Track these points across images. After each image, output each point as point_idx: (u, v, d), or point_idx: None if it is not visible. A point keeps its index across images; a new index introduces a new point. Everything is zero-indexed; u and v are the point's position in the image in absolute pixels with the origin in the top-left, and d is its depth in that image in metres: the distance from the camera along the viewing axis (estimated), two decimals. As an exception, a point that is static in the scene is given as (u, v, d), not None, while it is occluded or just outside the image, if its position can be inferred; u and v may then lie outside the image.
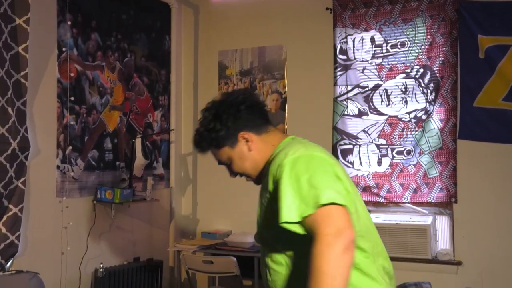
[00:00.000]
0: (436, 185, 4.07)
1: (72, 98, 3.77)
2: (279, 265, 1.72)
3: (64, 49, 3.71)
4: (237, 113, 1.82)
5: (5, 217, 3.21)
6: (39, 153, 3.50)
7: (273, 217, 1.64)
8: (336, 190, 1.56)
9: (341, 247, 1.46)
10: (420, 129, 4.11)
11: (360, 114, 4.32)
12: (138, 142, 4.26)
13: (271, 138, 1.85)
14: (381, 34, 4.25)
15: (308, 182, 1.57)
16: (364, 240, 1.70)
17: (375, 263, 1.75)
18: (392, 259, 4.29)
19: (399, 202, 4.22)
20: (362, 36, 4.31)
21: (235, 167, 1.87)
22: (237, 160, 1.85)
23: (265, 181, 1.76)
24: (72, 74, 3.78)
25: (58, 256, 3.67)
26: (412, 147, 4.14)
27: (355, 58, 4.34)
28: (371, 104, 4.28)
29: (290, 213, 1.55)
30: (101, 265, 3.88)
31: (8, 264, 3.27)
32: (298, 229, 1.57)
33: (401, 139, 4.18)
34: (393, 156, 4.21)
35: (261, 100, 1.93)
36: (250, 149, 1.83)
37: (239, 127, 1.82)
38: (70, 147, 3.75)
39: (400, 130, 4.19)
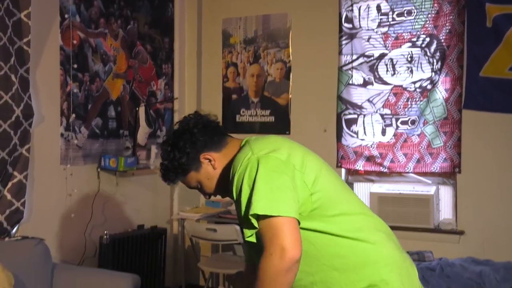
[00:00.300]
0: (440, 155, 4.06)
1: (75, 66, 3.75)
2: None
3: (66, 15, 3.68)
4: (192, 137, 1.85)
5: (10, 184, 3.22)
6: (43, 121, 3.50)
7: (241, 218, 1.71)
8: (285, 200, 1.60)
9: (284, 268, 1.55)
10: (425, 99, 4.09)
11: (365, 84, 4.29)
12: (141, 110, 4.25)
13: (231, 150, 1.87)
14: (387, 2, 4.19)
15: (261, 191, 1.61)
16: (339, 205, 1.76)
17: (356, 221, 1.79)
18: (395, 228, 4.32)
19: (402, 172, 4.22)
20: (368, 4, 4.25)
21: (206, 188, 1.91)
22: (205, 181, 1.89)
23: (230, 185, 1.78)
24: (74, 42, 3.75)
25: (63, 222, 3.70)
26: (416, 117, 4.12)
27: (360, 27, 4.29)
28: (376, 73, 4.25)
29: (250, 228, 1.63)
30: (105, 232, 3.91)
31: (14, 230, 3.31)
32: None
33: (406, 109, 4.16)
34: (397, 126, 4.20)
35: (211, 117, 1.94)
36: (215, 167, 1.86)
37: (198, 149, 1.85)
38: (74, 115, 3.75)
39: (405, 100, 4.16)
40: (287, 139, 1.85)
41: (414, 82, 4.13)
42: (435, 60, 4.06)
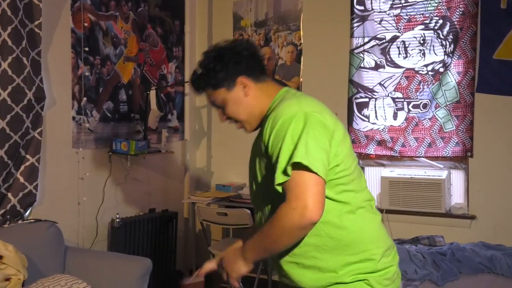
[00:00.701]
0: (452, 139, 4.03)
1: (87, 49, 3.74)
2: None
3: (77, -2, 3.67)
4: (239, 58, 1.85)
5: (22, 167, 3.24)
6: (55, 104, 3.51)
7: (266, 171, 1.75)
8: (322, 161, 1.63)
9: (301, 226, 1.60)
10: (437, 82, 4.05)
11: (377, 67, 4.25)
12: (152, 94, 4.25)
13: (268, 88, 1.89)
14: (400, -16, 4.14)
15: (304, 143, 1.63)
16: (353, 183, 1.80)
17: (362, 199, 1.84)
18: (406, 212, 4.33)
19: (414, 156, 4.20)
20: (380, -14, 4.20)
21: (228, 110, 1.89)
22: (231, 104, 1.88)
23: (262, 132, 1.80)
24: (86, 24, 3.74)
25: (75, 206, 3.72)
26: (428, 100, 4.09)
27: (372, 9, 4.24)
28: (388, 56, 4.21)
29: (284, 175, 1.63)
30: (117, 216, 3.94)
31: (27, 213, 3.33)
32: None
33: (418, 92, 4.13)
34: (409, 110, 4.17)
35: (260, 52, 1.96)
36: (247, 94, 1.86)
37: (239, 71, 1.85)
38: (85, 98, 3.75)
39: (417, 83, 4.13)
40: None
41: (426, 65, 4.09)
42: (447, 43, 4.01)
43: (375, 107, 4.28)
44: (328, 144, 1.68)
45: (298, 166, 1.61)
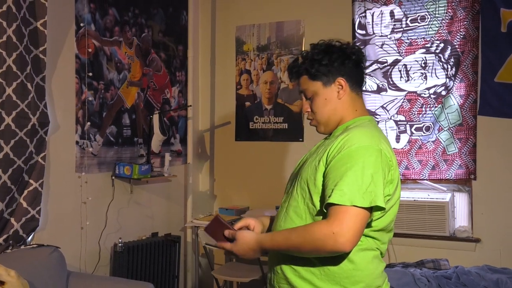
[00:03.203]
0: (455, 162, 4.03)
1: (90, 74, 3.77)
2: (299, 217, 1.80)
3: (82, 24, 3.71)
4: (346, 59, 1.86)
5: (26, 192, 3.24)
6: (58, 129, 3.53)
7: (315, 176, 1.74)
8: (377, 199, 1.64)
9: (330, 250, 1.62)
10: (439, 105, 4.06)
11: (379, 90, 4.27)
12: (155, 118, 4.27)
13: (358, 103, 1.90)
14: (400, 8, 4.18)
15: (372, 178, 1.64)
16: (380, 233, 1.80)
17: (377, 246, 1.83)
18: (410, 236, 4.32)
19: (417, 179, 4.19)
20: (381, 10, 4.25)
21: (315, 105, 1.89)
22: (321, 99, 1.88)
23: (331, 142, 1.80)
24: (90, 50, 3.78)
25: (78, 230, 3.71)
26: (431, 123, 4.10)
27: (374, 33, 4.28)
28: (390, 79, 4.24)
29: (342, 197, 1.62)
30: (119, 240, 3.93)
31: (29, 238, 3.32)
32: None
33: (420, 115, 4.14)
34: (411, 133, 4.18)
35: (365, 61, 1.97)
36: (339, 96, 1.86)
37: (342, 71, 1.86)
38: (89, 123, 3.77)
39: (419, 106, 4.14)
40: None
41: (428, 88, 4.11)
42: (449, 66, 4.03)
43: (377, 130, 4.28)
44: (383, 187, 1.70)
45: (356, 196, 1.62)
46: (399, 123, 4.21)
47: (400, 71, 4.20)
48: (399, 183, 1.82)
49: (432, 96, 4.10)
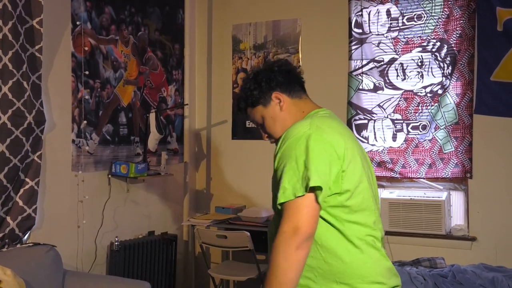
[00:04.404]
0: (451, 160, 4.04)
1: (87, 72, 3.77)
2: (277, 227, 1.79)
3: (78, 22, 3.70)
4: (271, 73, 1.95)
5: (22, 191, 3.24)
6: (55, 127, 3.52)
7: (276, 186, 1.77)
8: (319, 179, 1.66)
9: (294, 245, 1.62)
10: (436, 104, 4.07)
11: (375, 89, 4.28)
12: (152, 116, 4.26)
13: (303, 105, 1.96)
14: (397, 6, 4.18)
15: (305, 164, 1.68)
16: (358, 214, 1.79)
17: (364, 233, 1.82)
18: (406, 234, 4.31)
19: (413, 178, 4.20)
20: (377, 9, 4.25)
21: (267, 127, 1.98)
22: (269, 119, 1.96)
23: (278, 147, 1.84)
24: (86, 48, 3.77)
25: (74, 229, 3.71)
26: (427, 122, 4.11)
27: (370, 32, 4.28)
28: (386, 78, 4.24)
29: (285, 194, 1.69)
30: (116, 239, 3.92)
31: (25, 237, 3.32)
32: None
33: (417, 114, 4.15)
34: (408, 131, 4.18)
35: (298, 70, 2.03)
36: (282, 109, 1.94)
37: (272, 87, 1.94)
38: (85, 122, 3.76)
39: (416, 105, 4.15)
40: (348, 130, 1.93)
41: (425, 87, 4.12)
42: (445, 65, 4.04)
43: (374, 128, 4.29)
44: (328, 168, 1.70)
45: (296, 187, 1.67)
46: (395, 121, 4.22)
47: (396, 69, 4.21)
48: (357, 158, 1.81)
49: (428, 94, 4.10)
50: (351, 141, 1.84)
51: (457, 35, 3.99)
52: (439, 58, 4.06)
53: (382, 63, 4.24)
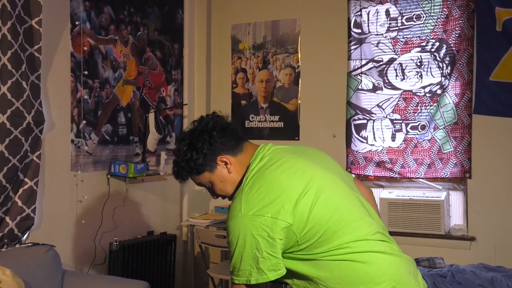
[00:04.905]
0: (451, 160, 4.04)
1: (86, 72, 3.76)
2: None
3: (77, 22, 3.70)
4: (211, 138, 1.86)
5: (21, 191, 3.23)
6: (54, 127, 3.52)
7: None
8: (268, 267, 1.71)
9: None
10: (435, 104, 4.07)
11: (375, 89, 4.28)
12: (151, 116, 4.26)
13: (246, 158, 1.90)
14: (396, 6, 4.18)
15: (241, 256, 1.73)
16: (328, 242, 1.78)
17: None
18: (405, 234, 4.31)
19: (412, 178, 4.20)
20: (377, 9, 4.25)
21: (216, 189, 1.94)
22: (218, 183, 1.91)
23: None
24: (85, 48, 3.77)
25: (74, 229, 3.71)
26: (426, 122, 4.11)
27: (369, 32, 4.28)
28: (385, 78, 4.24)
29: (234, 274, 1.78)
30: (115, 239, 3.92)
31: (24, 237, 3.32)
32: None
33: (416, 114, 4.15)
34: (407, 131, 4.18)
35: (228, 121, 1.96)
36: (230, 171, 1.89)
37: (216, 151, 1.87)
38: (84, 122, 3.76)
39: (415, 105, 4.15)
40: (288, 162, 1.84)
41: (424, 87, 4.12)
42: (444, 65, 4.04)
43: (373, 128, 4.29)
44: (267, 245, 1.72)
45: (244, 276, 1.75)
46: (394, 121, 4.22)
47: (395, 69, 4.21)
48: (303, 200, 1.76)
49: (427, 94, 4.11)
50: (309, 173, 1.81)
51: (456, 35, 3.99)
52: (438, 58, 4.06)
53: (381, 63, 4.24)
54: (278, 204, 1.72)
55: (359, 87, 4.32)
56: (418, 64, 4.12)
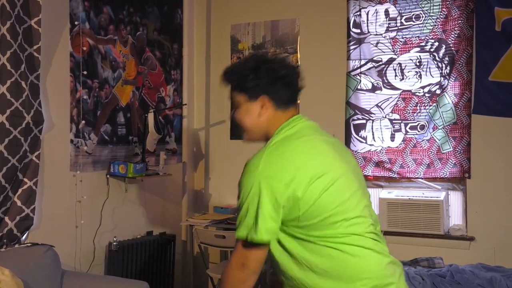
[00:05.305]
0: (450, 160, 4.04)
1: (85, 72, 3.76)
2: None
3: (76, 22, 3.70)
4: (273, 80, 1.89)
5: (20, 191, 3.23)
6: (53, 127, 3.52)
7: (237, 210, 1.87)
8: (265, 228, 1.73)
9: (242, 278, 1.77)
10: (434, 104, 4.07)
11: (374, 89, 4.28)
12: (150, 116, 4.26)
13: (284, 119, 1.92)
14: (395, 6, 4.19)
15: (256, 215, 1.74)
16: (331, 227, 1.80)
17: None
18: (405, 234, 4.31)
19: (412, 178, 4.20)
20: (376, 9, 4.25)
21: (238, 113, 1.97)
22: (243, 111, 1.94)
23: None
24: (84, 48, 3.77)
25: (73, 229, 3.70)
26: (425, 122, 4.11)
27: (368, 32, 4.29)
28: (384, 78, 4.24)
29: (239, 230, 1.78)
30: (114, 239, 3.92)
31: (24, 237, 3.31)
32: None
33: (415, 114, 4.15)
34: (406, 131, 4.19)
35: (299, 80, 1.97)
36: (260, 115, 1.91)
37: (267, 91, 1.89)
38: (83, 122, 3.76)
39: (414, 105, 4.15)
40: (315, 141, 1.87)
41: (423, 87, 4.12)
42: (444, 65, 4.04)
43: (372, 128, 4.30)
44: (273, 207, 1.74)
45: (250, 233, 1.75)
46: (394, 121, 4.22)
47: (395, 69, 4.21)
48: (317, 180, 1.78)
49: (426, 94, 4.11)
50: (330, 159, 1.83)
51: (456, 35, 3.99)
52: (437, 58, 4.06)
53: (381, 63, 4.24)
54: (295, 175, 1.74)
55: (358, 87, 4.32)
56: (417, 64, 4.13)
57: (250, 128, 1.94)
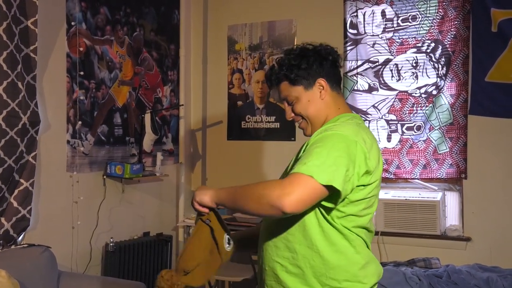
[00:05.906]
0: (446, 161, 4.05)
1: (82, 73, 3.76)
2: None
3: (73, 23, 3.69)
4: (323, 60, 1.89)
5: (16, 192, 3.23)
6: (49, 128, 3.51)
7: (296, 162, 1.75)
8: (339, 173, 1.63)
9: (271, 203, 1.59)
10: (430, 105, 4.08)
11: (370, 90, 4.29)
12: (147, 117, 4.26)
13: (340, 101, 1.94)
14: (392, 7, 4.19)
15: (335, 160, 1.65)
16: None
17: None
18: (401, 234, 4.31)
19: (408, 178, 4.20)
20: (373, 10, 4.26)
21: (298, 107, 1.91)
22: (304, 102, 1.90)
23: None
24: (81, 49, 3.77)
25: (69, 230, 3.70)
26: (422, 122, 4.12)
27: (365, 33, 4.29)
28: (381, 79, 4.25)
29: (302, 167, 1.62)
30: (111, 240, 3.92)
31: (20, 238, 3.31)
32: None
33: (411, 115, 4.16)
34: (402, 132, 4.19)
35: (340, 59, 1.99)
36: (322, 97, 1.90)
37: (321, 73, 1.89)
38: (80, 122, 3.76)
39: (410, 106, 4.16)
40: (374, 138, 1.89)
41: (419, 88, 4.12)
42: (440, 66, 4.05)
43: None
44: (355, 176, 1.70)
45: (314, 169, 1.62)
46: (390, 122, 4.23)
47: (391, 70, 4.21)
48: (378, 181, 1.84)
49: (423, 95, 4.11)
50: (377, 151, 1.86)
51: (452, 36, 4.00)
52: (433, 59, 4.07)
53: (377, 63, 4.25)
54: (369, 150, 1.75)
55: (355, 88, 4.32)
56: (414, 65, 4.13)
57: (316, 114, 1.90)
